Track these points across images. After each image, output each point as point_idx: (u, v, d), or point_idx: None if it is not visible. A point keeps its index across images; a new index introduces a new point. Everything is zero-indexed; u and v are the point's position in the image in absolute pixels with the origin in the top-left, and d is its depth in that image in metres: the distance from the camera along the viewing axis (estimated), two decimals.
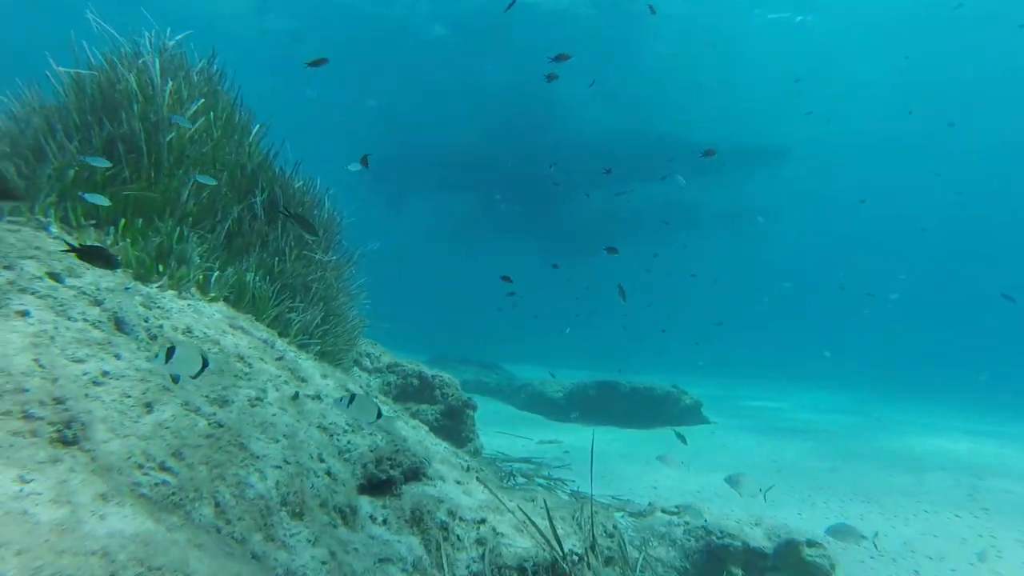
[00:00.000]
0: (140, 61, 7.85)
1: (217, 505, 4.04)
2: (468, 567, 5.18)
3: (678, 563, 7.16)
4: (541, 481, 11.54)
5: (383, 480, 5.84)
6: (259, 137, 9.30)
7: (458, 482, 6.48)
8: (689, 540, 7.32)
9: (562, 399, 20.02)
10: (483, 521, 5.68)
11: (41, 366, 3.93)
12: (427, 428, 9.32)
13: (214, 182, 7.55)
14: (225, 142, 8.79)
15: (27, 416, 3.37)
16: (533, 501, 6.65)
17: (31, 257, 5.11)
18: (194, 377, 4.39)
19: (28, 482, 2.86)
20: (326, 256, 9.66)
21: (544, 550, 5.17)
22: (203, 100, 8.45)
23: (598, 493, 7.12)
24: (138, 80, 7.75)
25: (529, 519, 5.59)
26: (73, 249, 4.54)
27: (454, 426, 11.74)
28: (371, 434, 6.44)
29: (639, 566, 6.63)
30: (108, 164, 6.97)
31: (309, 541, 4.40)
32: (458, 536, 5.47)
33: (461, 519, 5.64)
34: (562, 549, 5.12)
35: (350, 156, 11.04)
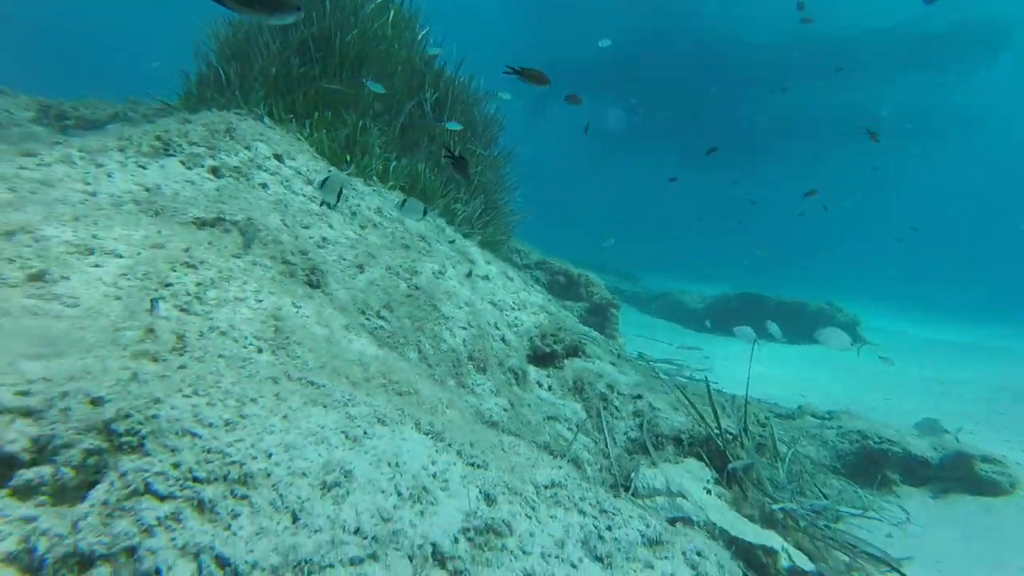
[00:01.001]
0: None
1: (420, 351, 4.73)
2: (626, 433, 5.64)
3: (828, 462, 7.17)
4: (683, 380, 11.77)
5: (547, 353, 6.39)
6: (426, 38, 9.66)
7: (613, 363, 6.88)
8: (842, 442, 7.25)
9: (702, 310, 19.71)
10: (639, 397, 6.06)
11: (286, 225, 4.74)
12: (577, 320, 9.80)
13: (382, 89, 8.02)
14: (397, 41, 9.23)
15: (286, 262, 4.15)
16: (679, 388, 6.90)
17: (261, 140, 5.98)
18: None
19: (299, 308, 3.59)
20: (486, 151, 10.09)
21: (700, 426, 5.45)
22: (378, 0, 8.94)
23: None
24: None
25: (686, 398, 5.87)
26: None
27: (598, 323, 12.18)
28: (535, 313, 6.97)
29: (787, 459, 6.74)
30: (381, 89, 7.57)
31: (492, 391, 5.03)
32: (616, 407, 5.92)
33: (619, 393, 6.06)
34: (719, 425, 5.36)
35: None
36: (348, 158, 7.78)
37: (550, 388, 6.03)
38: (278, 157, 6.01)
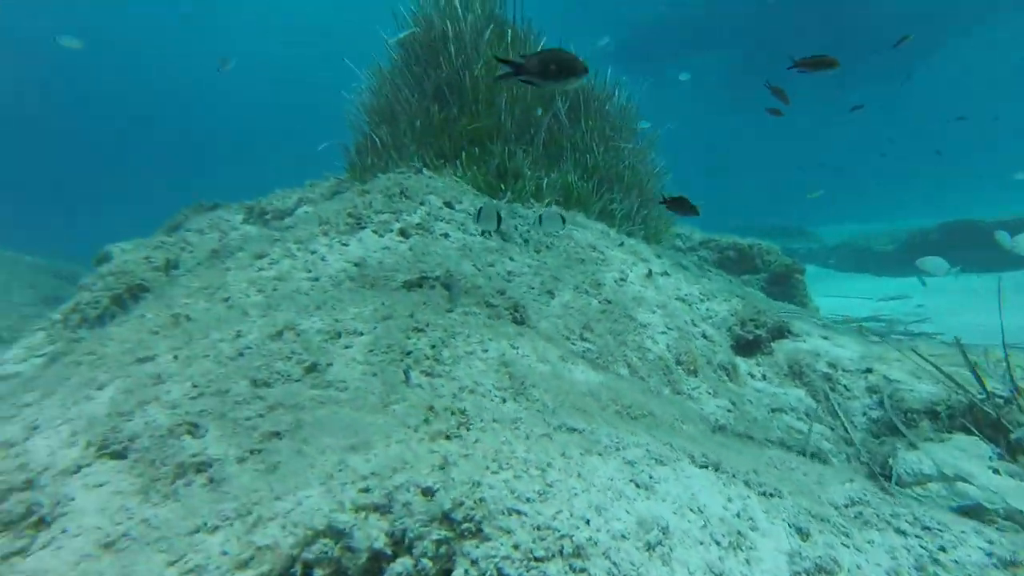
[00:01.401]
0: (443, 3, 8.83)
1: (628, 365, 4.68)
2: (865, 413, 5.10)
3: None
4: (898, 338, 10.46)
5: (750, 340, 6.02)
6: (544, 48, 9.70)
7: (825, 337, 6.29)
8: None
9: (893, 251, 17.47)
10: (869, 371, 5.46)
11: (477, 269, 5.00)
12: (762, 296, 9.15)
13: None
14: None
15: (489, 305, 4.35)
16: (913, 351, 6.10)
17: (430, 192, 6.38)
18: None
19: (516, 348, 3.72)
20: (628, 143, 9.86)
21: (957, 393, 4.76)
22: (492, 26, 9.19)
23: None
24: (448, 22, 8.73)
25: (930, 363, 5.17)
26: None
27: (783, 292, 11.28)
28: (725, 300, 6.62)
29: None
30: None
31: (709, 393, 4.83)
32: (845, 386, 5.38)
33: (844, 369, 5.52)
34: (984, 388, 4.64)
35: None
36: (503, 187, 8.03)
37: (764, 377, 5.66)
38: (448, 204, 6.36)
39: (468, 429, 2.09)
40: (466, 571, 1.60)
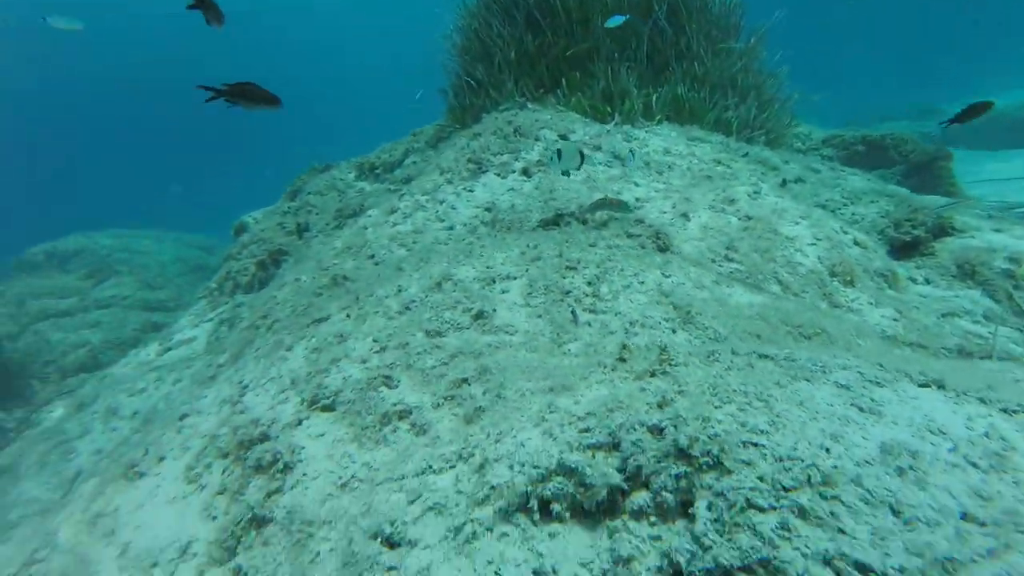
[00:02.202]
0: None
1: (780, 282, 4.46)
2: None
3: None
4: None
5: (907, 242, 5.52)
6: None
7: (997, 230, 5.63)
8: None
9: None
10: None
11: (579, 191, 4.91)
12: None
13: (623, 18, 7.60)
14: None
15: (630, 235, 4.26)
16: None
17: (542, 126, 6.25)
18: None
19: (669, 276, 3.64)
20: (736, 43, 9.04)
21: None
22: None
23: None
24: None
25: None
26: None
27: (924, 184, 10.17)
28: (872, 201, 6.07)
29: None
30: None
31: (870, 303, 4.52)
32: None
33: None
34: None
35: None
36: (609, 109, 7.69)
37: (928, 281, 5.20)
38: (562, 136, 6.20)
39: (671, 365, 2.07)
40: (710, 504, 1.62)
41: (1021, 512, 1.50)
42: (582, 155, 4.41)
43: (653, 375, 2.07)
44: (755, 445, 1.68)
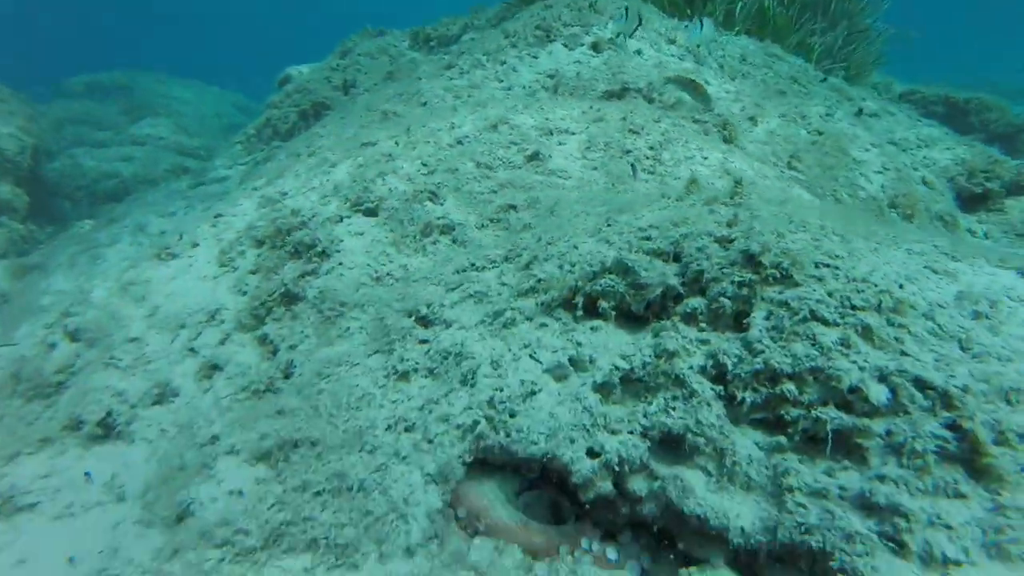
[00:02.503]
0: None
1: (838, 200, 4.27)
2: None
3: None
4: None
5: (977, 194, 5.25)
6: None
7: None
8: None
9: None
10: None
11: (651, 78, 4.65)
12: None
13: None
14: None
15: (696, 120, 4.06)
16: None
17: (620, 6, 5.87)
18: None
19: (731, 160, 3.48)
20: None
21: None
22: None
23: None
24: None
25: None
26: None
27: None
28: (949, 148, 5.74)
29: None
30: None
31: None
32: None
33: None
34: None
35: None
36: (689, 11, 7.19)
37: (987, 236, 4.97)
38: (639, 23, 5.82)
39: (744, 197, 1.97)
40: (769, 313, 1.57)
41: None
42: (640, 19, 4.18)
43: (724, 204, 1.97)
44: (828, 266, 1.61)
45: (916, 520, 1.25)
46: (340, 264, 2.54)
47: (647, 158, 3.18)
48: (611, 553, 1.73)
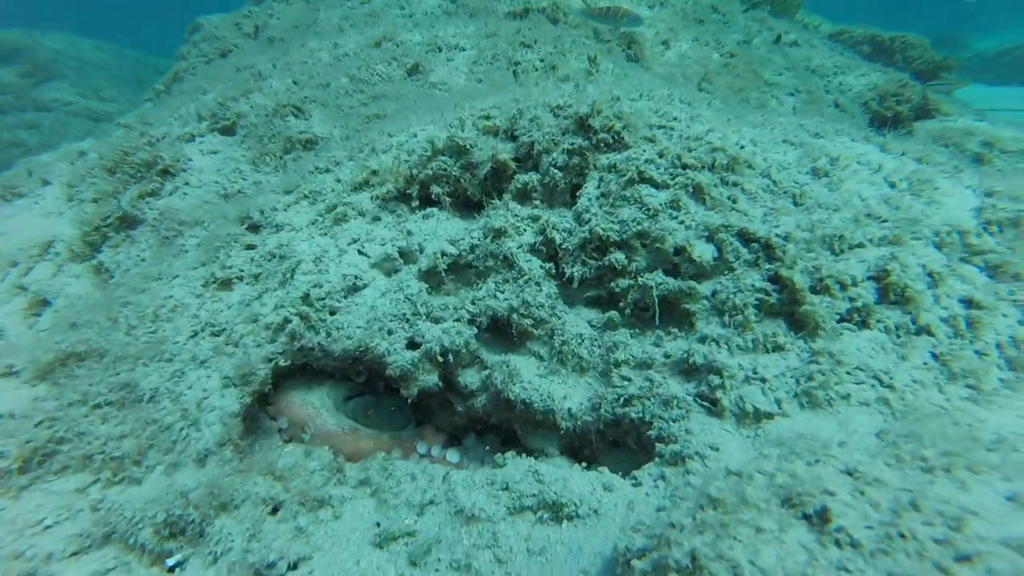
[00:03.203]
0: None
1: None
2: None
3: None
4: None
5: (888, 117, 5.27)
6: None
7: (979, 120, 5.41)
8: None
9: None
10: None
11: (587, 5, 4.45)
12: None
13: None
14: None
15: (600, 40, 3.89)
16: None
17: None
18: None
19: (629, 76, 3.33)
20: None
21: None
22: None
23: None
24: None
25: None
26: None
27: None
28: (863, 75, 5.73)
29: None
30: None
31: None
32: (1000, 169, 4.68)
33: (1003, 150, 4.77)
34: None
35: None
36: None
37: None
38: None
39: (598, 73, 1.82)
40: (602, 178, 1.43)
41: (922, 222, 1.34)
42: None
43: (578, 87, 1.82)
44: (663, 127, 1.48)
45: (732, 376, 1.15)
46: (186, 184, 2.30)
47: (536, 70, 3.00)
48: (452, 456, 1.61)
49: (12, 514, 1.22)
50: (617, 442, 1.36)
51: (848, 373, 1.13)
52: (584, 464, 1.27)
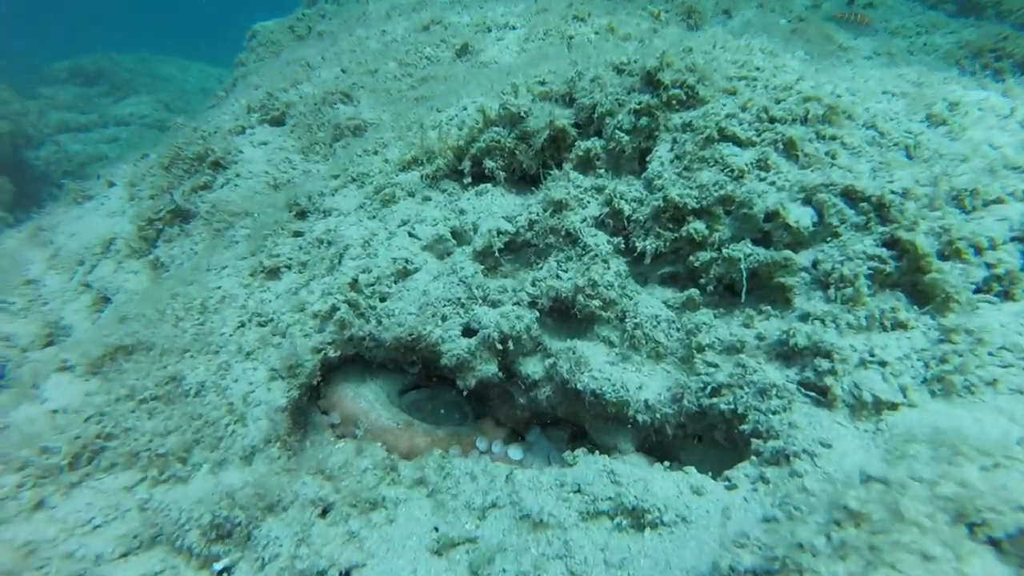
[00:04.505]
0: None
1: None
2: None
3: None
4: None
5: None
6: None
7: None
8: None
9: None
10: None
11: None
12: None
13: None
14: None
15: (658, 11, 3.66)
16: None
17: None
18: None
19: None
20: None
21: None
22: None
23: None
24: None
25: None
26: None
27: None
28: (952, 32, 5.23)
29: None
30: None
31: None
32: None
33: None
34: None
35: None
36: None
37: None
38: None
39: (664, 30, 1.64)
40: (674, 141, 1.26)
41: None
42: None
43: (641, 41, 1.65)
44: (745, 79, 1.29)
45: (844, 360, 0.97)
46: (237, 175, 2.27)
47: (590, 43, 2.82)
48: (514, 453, 1.48)
49: (63, 512, 1.18)
50: (701, 437, 1.19)
51: (991, 354, 0.93)
52: (666, 464, 1.11)
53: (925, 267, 0.97)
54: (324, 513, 1.14)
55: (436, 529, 1.12)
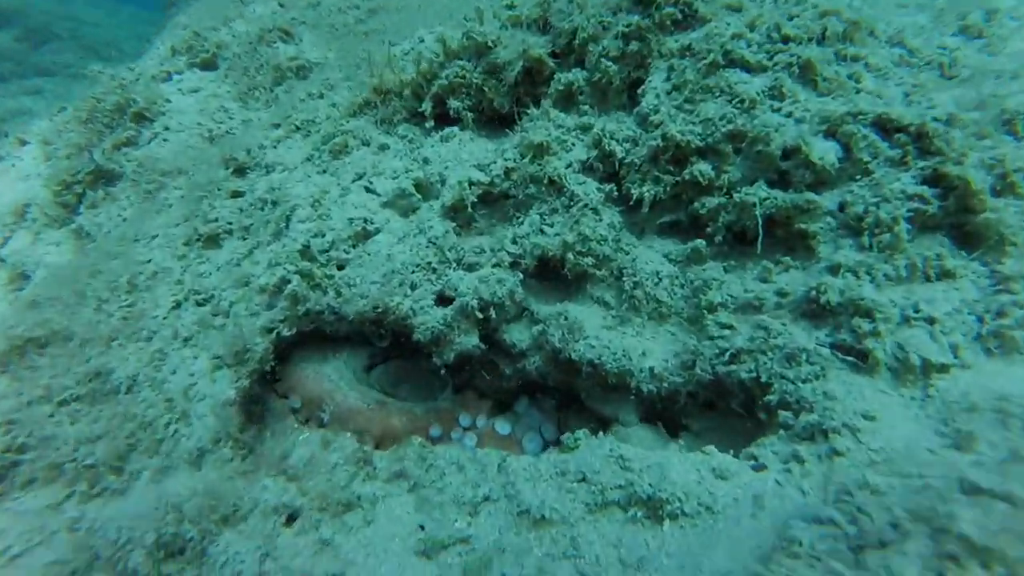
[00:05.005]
0: None
1: None
2: None
3: None
4: None
5: None
6: None
7: None
8: None
9: None
10: None
11: None
12: None
13: None
14: None
15: None
16: None
17: None
18: None
19: None
20: None
21: None
22: None
23: None
24: None
25: None
26: None
27: None
28: None
29: None
30: None
31: None
32: None
33: None
34: None
35: None
36: None
37: None
38: None
39: None
40: (671, 68, 1.08)
41: None
42: None
43: None
44: None
45: (886, 318, 0.84)
46: (166, 128, 1.99)
47: None
48: (501, 427, 1.35)
49: None
50: (712, 404, 1.07)
51: None
52: (681, 443, 0.99)
53: (978, 206, 0.84)
54: (290, 520, 0.99)
55: (422, 528, 0.98)
